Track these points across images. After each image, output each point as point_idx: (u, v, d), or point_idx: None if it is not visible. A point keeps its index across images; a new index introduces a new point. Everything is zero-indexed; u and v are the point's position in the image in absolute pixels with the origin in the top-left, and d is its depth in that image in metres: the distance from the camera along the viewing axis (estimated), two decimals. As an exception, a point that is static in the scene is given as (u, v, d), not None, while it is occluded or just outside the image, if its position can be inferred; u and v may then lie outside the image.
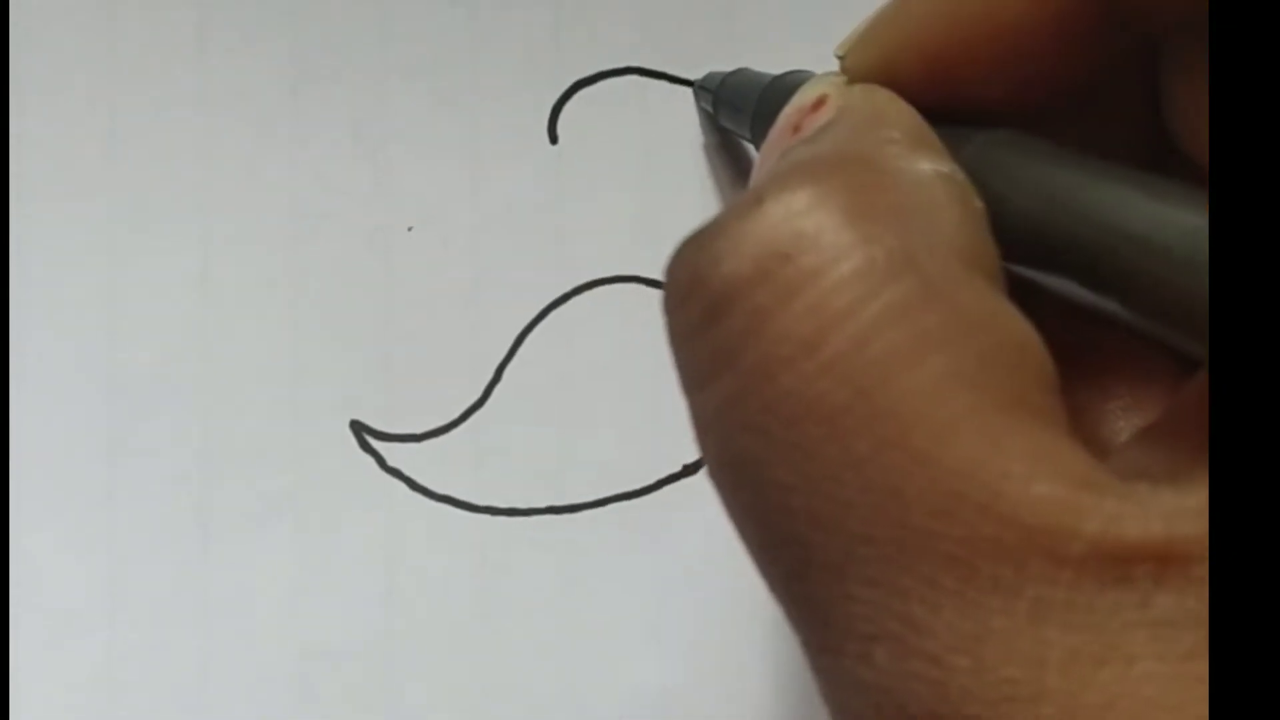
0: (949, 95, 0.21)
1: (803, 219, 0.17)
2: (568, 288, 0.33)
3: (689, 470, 0.32)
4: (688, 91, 0.33)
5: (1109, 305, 0.17)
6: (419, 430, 0.32)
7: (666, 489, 0.32)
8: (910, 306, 0.16)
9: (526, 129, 0.33)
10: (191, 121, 0.33)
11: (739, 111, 0.29)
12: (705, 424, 0.18)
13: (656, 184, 0.33)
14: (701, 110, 0.32)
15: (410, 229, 0.33)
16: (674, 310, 0.18)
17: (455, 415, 0.32)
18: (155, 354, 0.32)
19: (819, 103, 0.21)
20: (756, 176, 0.21)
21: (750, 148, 0.32)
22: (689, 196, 0.33)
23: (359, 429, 0.32)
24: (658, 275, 0.33)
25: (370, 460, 0.32)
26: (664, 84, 0.33)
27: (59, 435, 0.32)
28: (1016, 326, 0.17)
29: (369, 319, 0.33)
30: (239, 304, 0.32)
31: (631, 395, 0.32)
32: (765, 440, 0.17)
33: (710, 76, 0.32)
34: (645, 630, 0.32)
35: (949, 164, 0.19)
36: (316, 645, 0.32)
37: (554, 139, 0.33)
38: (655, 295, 0.33)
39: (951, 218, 0.18)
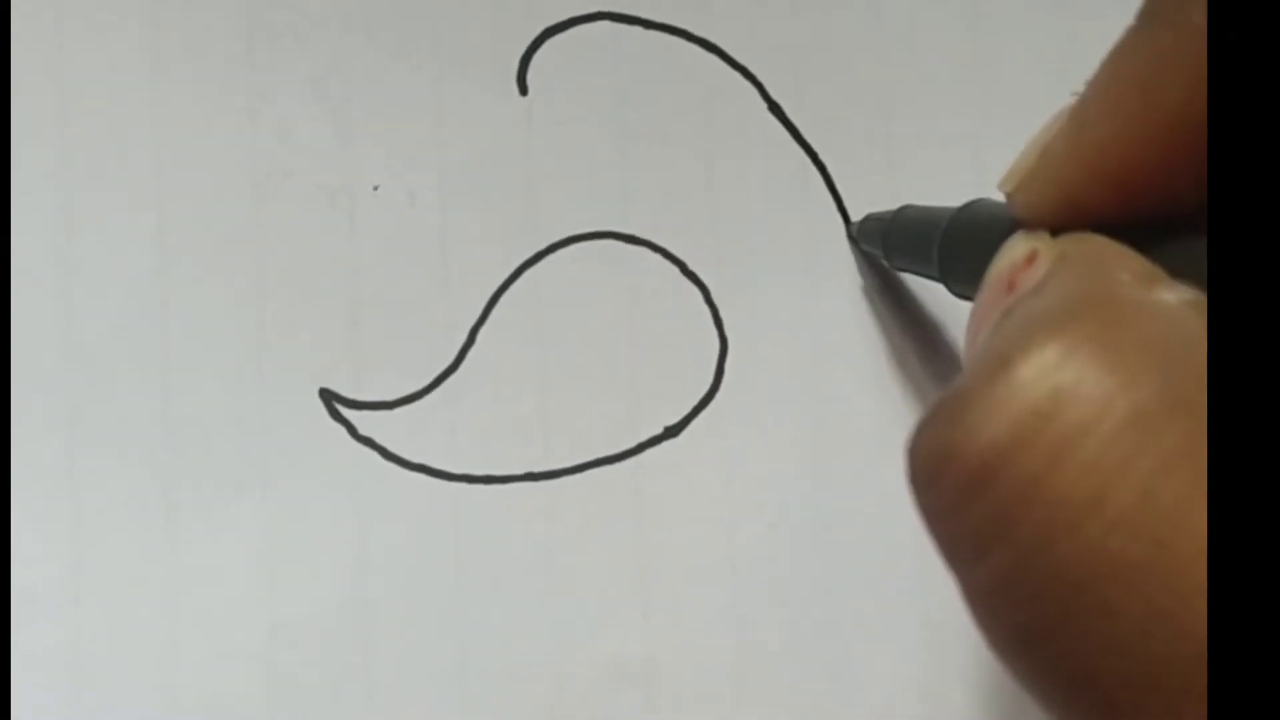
0: (1148, 212, 0.20)
1: (1058, 373, 0.16)
2: (541, 246, 0.31)
3: (670, 432, 0.31)
4: (665, 37, 0.32)
5: None
6: (391, 397, 0.31)
7: (647, 452, 0.31)
8: (1192, 447, 0.16)
9: (494, 80, 0.32)
10: (147, 80, 0.31)
11: (915, 253, 0.28)
12: (981, 599, 0.17)
13: (631, 135, 0.32)
14: (859, 252, 0.31)
15: (376, 188, 0.31)
16: (927, 488, 0.17)
17: (428, 381, 0.31)
18: (114, 321, 0.31)
19: (1030, 258, 0.20)
20: (976, 341, 0.20)
21: (912, 281, 0.31)
22: (666, 151, 0.32)
23: (329, 397, 0.31)
24: (633, 230, 0.32)
25: (341, 430, 0.31)
26: (637, 29, 0.32)
27: (17, 408, 0.31)
28: None
29: (335, 283, 0.31)
30: (199, 269, 0.31)
31: (609, 356, 0.31)
32: (1057, 608, 0.16)
33: (871, 219, 0.30)
34: (626, 597, 0.31)
35: (1190, 291, 0.18)
36: (289, 619, 0.31)
37: (524, 90, 0.32)
38: (632, 251, 0.32)
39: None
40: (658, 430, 0.31)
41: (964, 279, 0.25)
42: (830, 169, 0.32)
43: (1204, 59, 0.18)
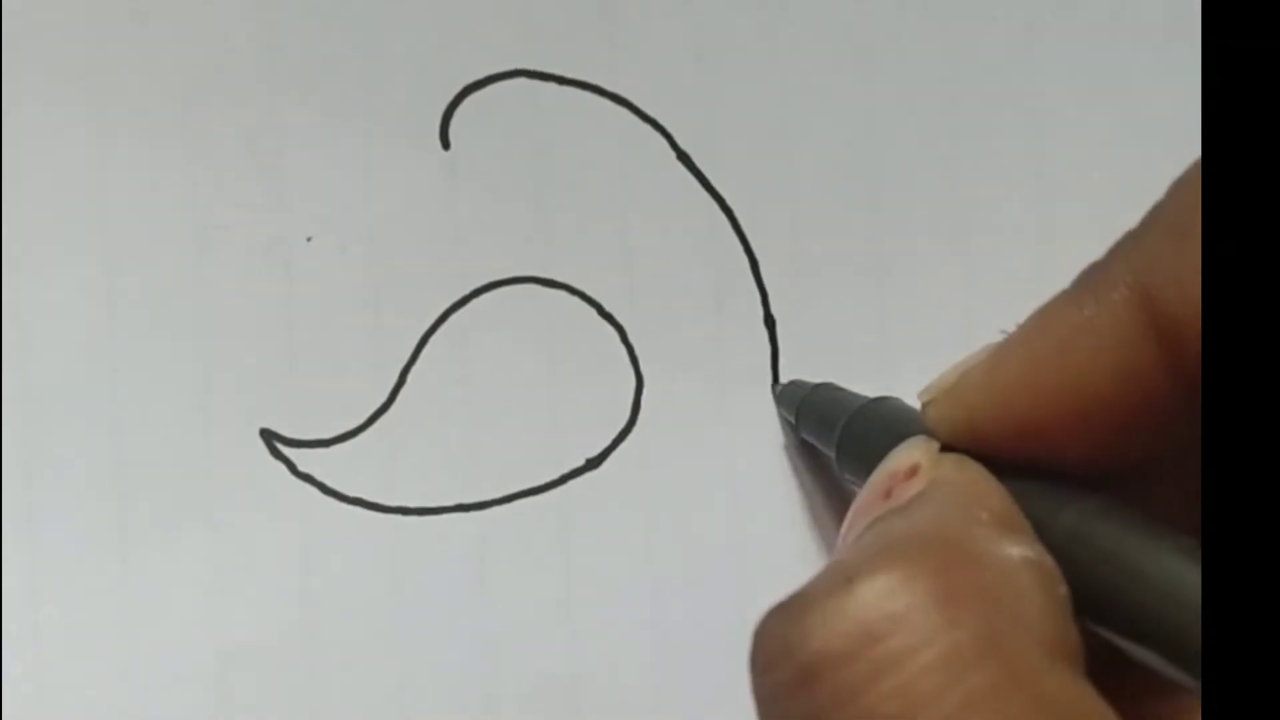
0: (1037, 456, 0.21)
1: (892, 601, 0.18)
2: (466, 290, 0.33)
3: (591, 464, 0.33)
4: (579, 93, 0.34)
5: (1191, 682, 0.18)
6: (328, 435, 0.33)
7: (571, 483, 0.33)
8: (992, 694, 0.17)
9: (418, 136, 0.33)
10: (88, 138, 0.33)
11: (822, 429, 0.30)
12: None
13: (548, 185, 0.33)
14: (782, 415, 0.33)
15: (309, 239, 0.33)
16: (762, 672, 0.19)
17: (362, 420, 0.33)
18: (63, 371, 0.33)
19: (911, 471, 0.22)
20: (846, 542, 0.22)
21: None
22: (582, 199, 0.33)
23: (269, 436, 0.33)
24: (553, 275, 0.34)
25: (281, 467, 0.33)
26: (552, 85, 0.33)
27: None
28: (1097, 711, 0.18)
29: (273, 328, 0.33)
30: (143, 318, 0.33)
31: (532, 393, 0.33)
32: None
33: (792, 388, 0.33)
34: (552, 618, 0.33)
35: (1036, 548, 0.20)
36: (234, 648, 0.32)
37: (446, 144, 0.33)
38: (552, 294, 0.34)
39: (1036, 604, 0.19)
40: (580, 462, 0.33)
41: (856, 467, 0.27)
42: (736, 213, 0.34)
43: (1121, 336, 0.20)
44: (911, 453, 0.23)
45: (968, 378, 0.22)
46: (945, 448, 0.23)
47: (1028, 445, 0.22)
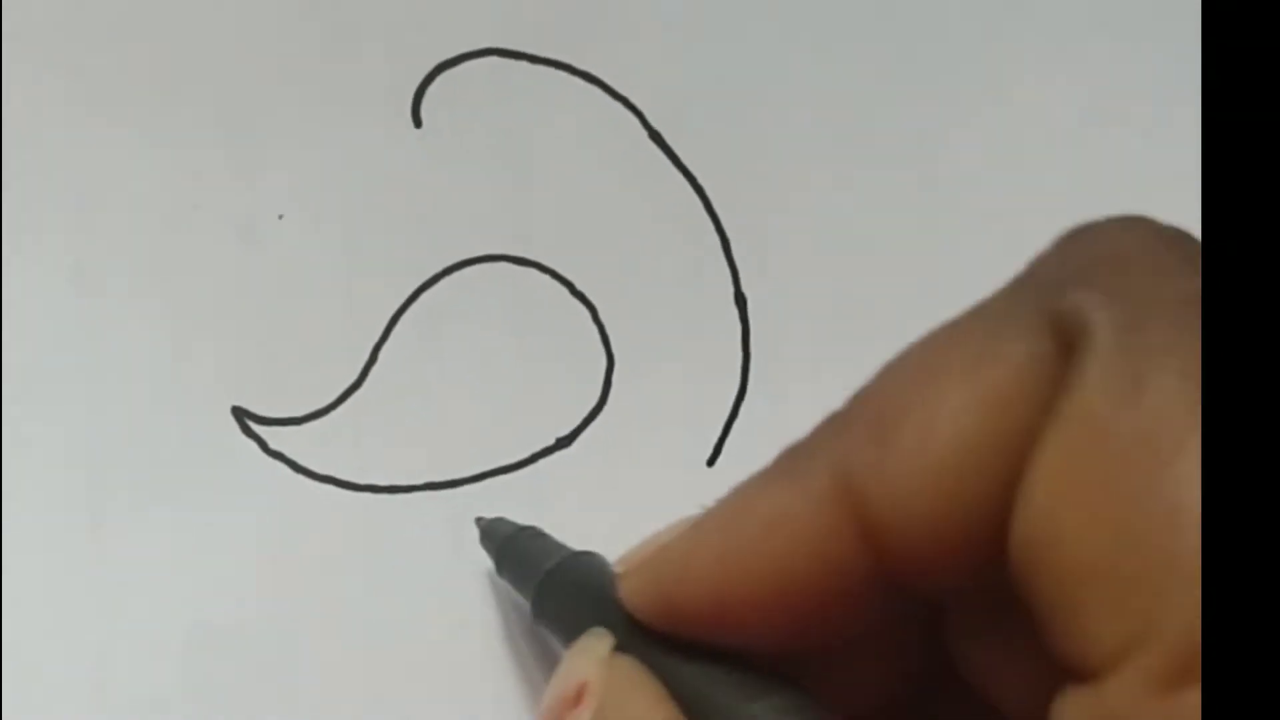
0: (732, 638, 0.22)
1: None
2: (438, 268, 0.33)
3: (562, 443, 0.33)
4: (551, 71, 0.34)
5: None
6: (299, 414, 0.33)
7: (541, 462, 0.33)
8: None
9: (390, 114, 0.33)
10: (59, 119, 0.33)
11: (520, 578, 0.30)
12: None
13: (520, 163, 0.33)
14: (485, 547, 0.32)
15: (281, 217, 0.33)
16: None
17: (334, 397, 0.33)
18: (34, 350, 0.33)
19: (579, 695, 0.22)
20: None
21: None
22: (553, 178, 0.33)
23: (240, 414, 0.33)
24: (524, 253, 0.34)
25: (253, 445, 0.33)
26: (524, 64, 0.34)
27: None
28: None
29: (245, 307, 0.33)
30: (117, 297, 0.33)
31: (503, 371, 0.33)
32: None
33: (495, 526, 0.32)
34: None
35: None
36: (205, 626, 0.32)
37: (418, 122, 0.33)
38: (523, 273, 0.34)
39: None
40: (550, 441, 0.33)
41: (552, 625, 0.28)
42: (708, 192, 0.34)
43: (821, 525, 0.20)
44: (582, 665, 0.23)
45: (665, 553, 0.22)
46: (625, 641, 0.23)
47: (723, 627, 0.21)
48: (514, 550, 0.31)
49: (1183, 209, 0.27)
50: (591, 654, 0.23)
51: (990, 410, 0.19)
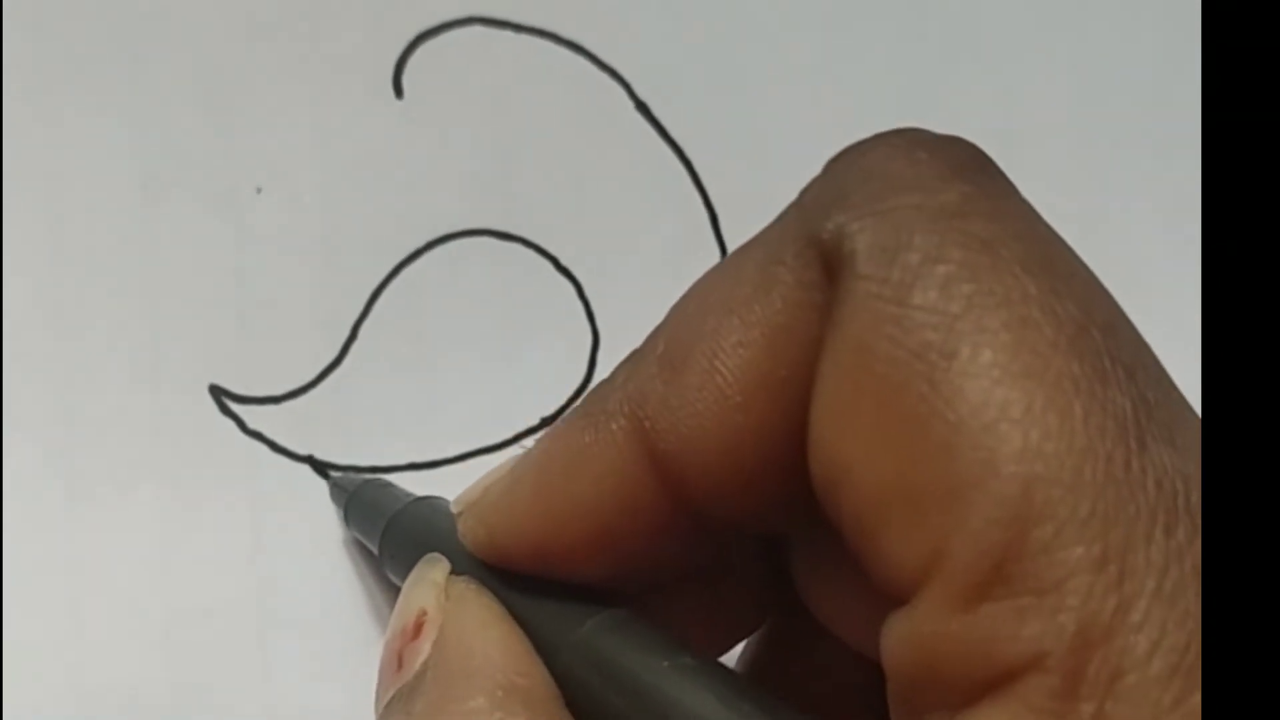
0: (557, 574, 0.22)
1: None
2: (419, 243, 0.33)
3: (546, 422, 0.33)
4: (535, 40, 0.33)
5: None
6: (278, 392, 0.32)
7: (526, 441, 0.33)
8: None
9: (371, 84, 0.33)
10: (33, 85, 0.32)
11: (366, 528, 0.30)
12: None
13: (503, 135, 0.33)
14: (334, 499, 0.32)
15: (259, 190, 0.32)
16: None
17: (313, 375, 0.33)
18: (7, 325, 0.32)
19: (419, 626, 0.23)
20: (380, 700, 0.23)
21: None
22: (538, 150, 0.33)
23: (218, 393, 0.32)
24: (507, 228, 0.33)
25: (231, 424, 0.32)
26: (508, 33, 0.33)
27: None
28: None
29: (222, 282, 0.32)
30: (90, 271, 0.32)
31: (486, 348, 0.33)
32: None
33: (346, 479, 0.32)
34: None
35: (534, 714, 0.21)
36: (183, 606, 0.32)
37: (399, 93, 0.33)
38: (506, 248, 0.33)
39: None
40: (534, 421, 0.33)
41: (399, 571, 0.27)
42: (696, 165, 0.33)
43: (619, 465, 0.21)
44: (419, 594, 0.23)
45: (488, 494, 0.23)
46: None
47: (546, 564, 0.22)
48: (360, 501, 0.31)
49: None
50: (427, 581, 0.24)
51: (768, 342, 0.19)
